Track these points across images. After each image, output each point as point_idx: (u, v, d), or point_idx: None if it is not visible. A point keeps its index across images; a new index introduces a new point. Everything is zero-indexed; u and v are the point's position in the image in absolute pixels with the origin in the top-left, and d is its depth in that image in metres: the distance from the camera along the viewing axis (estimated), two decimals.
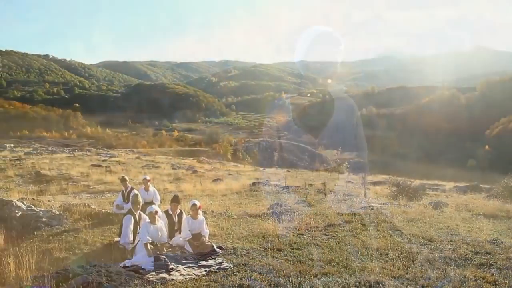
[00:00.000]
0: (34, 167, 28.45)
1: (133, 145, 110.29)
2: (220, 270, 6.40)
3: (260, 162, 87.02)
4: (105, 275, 5.72)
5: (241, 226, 9.36)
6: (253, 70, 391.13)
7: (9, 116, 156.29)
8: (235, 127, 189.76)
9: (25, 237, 7.85)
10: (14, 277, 6.27)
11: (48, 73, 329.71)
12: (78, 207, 9.94)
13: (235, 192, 18.68)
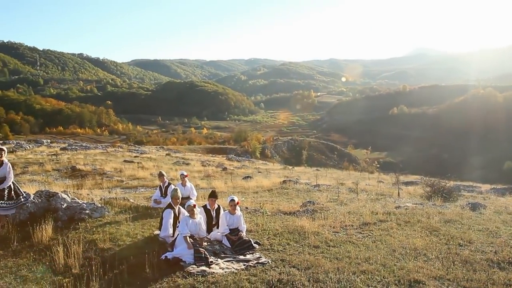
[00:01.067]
0: (70, 162, 29.25)
1: (163, 142, 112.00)
2: (259, 265, 6.50)
3: (288, 161, 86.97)
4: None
5: (276, 223, 9.43)
6: (282, 68, 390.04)
7: (45, 112, 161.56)
8: (263, 125, 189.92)
9: (71, 228, 8.18)
10: (63, 265, 6.56)
11: (82, 71, 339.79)
12: (118, 200, 10.26)
13: (266, 190, 18.69)
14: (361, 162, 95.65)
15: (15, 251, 7.22)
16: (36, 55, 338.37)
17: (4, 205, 8.20)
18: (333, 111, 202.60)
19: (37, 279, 6.20)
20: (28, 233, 7.79)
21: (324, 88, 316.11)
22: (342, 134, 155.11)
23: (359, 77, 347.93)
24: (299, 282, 5.74)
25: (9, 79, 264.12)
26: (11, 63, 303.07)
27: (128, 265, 6.39)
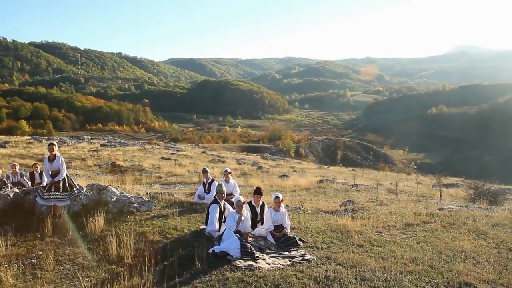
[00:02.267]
0: (110, 158, 30.14)
1: (198, 140, 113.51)
2: (304, 262, 6.57)
3: (322, 160, 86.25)
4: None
5: (318, 221, 9.46)
6: (317, 67, 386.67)
7: (85, 110, 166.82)
8: (298, 124, 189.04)
9: (121, 220, 8.53)
10: (116, 255, 6.87)
11: (121, 70, 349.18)
12: (162, 195, 10.58)
13: (304, 189, 18.68)
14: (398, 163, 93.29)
15: (71, 240, 7.62)
16: (77, 55, 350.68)
17: (59, 196, 8.65)
18: (369, 111, 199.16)
19: (93, 267, 6.53)
20: (81, 223, 8.20)
21: (360, 87, 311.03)
22: (378, 134, 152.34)
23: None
24: (346, 279, 5.77)
25: (53, 77, 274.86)
26: (55, 62, 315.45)
27: (177, 257, 6.61)
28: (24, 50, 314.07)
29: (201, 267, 6.25)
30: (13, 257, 6.77)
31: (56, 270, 6.37)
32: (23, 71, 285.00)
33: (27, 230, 7.94)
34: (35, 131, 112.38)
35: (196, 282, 5.76)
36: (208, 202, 10.22)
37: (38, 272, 6.29)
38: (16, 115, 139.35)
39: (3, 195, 8.88)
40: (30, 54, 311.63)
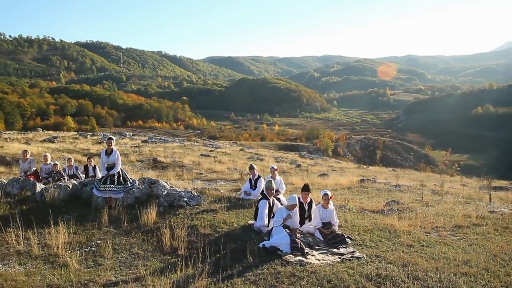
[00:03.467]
0: (151, 154, 30.91)
1: (235, 137, 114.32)
2: (354, 259, 6.60)
3: (361, 160, 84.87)
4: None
5: (364, 220, 9.42)
6: (356, 65, 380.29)
7: (127, 107, 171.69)
8: (336, 123, 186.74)
9: (171, 213, 8.83)
10: (169, 246, 7.15)
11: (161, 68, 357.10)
12: (210, 190, 10.84)
13: (345, 188, 18.53)
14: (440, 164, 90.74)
15: (126, 231, 7.97)
16: (120, 53, 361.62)
17: (114, 189, 9.08)
18: (410, 110, 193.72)
19: (147, 257, 6.83)
20: (135, 215, 8.56)
21: (400, 86, 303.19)
22: (419, 134, 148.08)
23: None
24: (398, 277, 5.76)
25: (97, 76, 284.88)
26: (98, 61, 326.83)
27: (228, 251, 6.80)
28: (70, 50, 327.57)
29: (253, 261, 6.40)
30: (75, 244, 7.18)
31: (114, 258, 6.71)
32: (69, 69, 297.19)
33: (85, 219, 8.38)
34: (80, 127, 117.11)
35: (249, 275, 5.91)
36: (254, 198, 10.40)
37: (99, 259, 6.65)
38: (63, 112, 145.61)
39: (63, 186, 9.40)
40: (76, 53, 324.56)
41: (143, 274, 5.93)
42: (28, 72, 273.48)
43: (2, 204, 8.69)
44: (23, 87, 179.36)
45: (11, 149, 26.37)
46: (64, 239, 7.09)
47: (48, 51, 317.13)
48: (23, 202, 9.00)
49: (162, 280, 5.63)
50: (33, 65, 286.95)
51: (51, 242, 7.06)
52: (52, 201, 9.01)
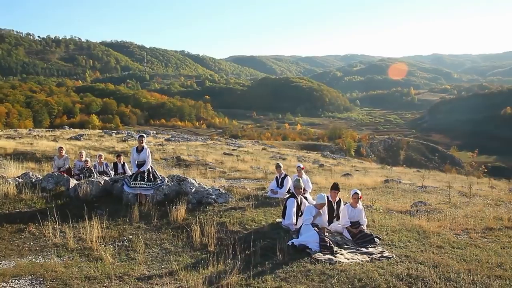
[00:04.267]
0: (175, 152, 31.25)
1: (257, 136, 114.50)
2: (383, 259, 6.57)
3: (384, 160, 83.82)
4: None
5: (391, 220, 9.35)
6: (379, 64, 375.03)
7: (150, 106, 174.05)
8: (358, 123, 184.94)
9: (200, 210, 8.97)
10: (199, 242, 7.28)
11: (183, 67, 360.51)
12: (237, 188, 10.94)
13: (369, 188, 18.39)
14: (466, 166, 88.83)
15: (156, 227, 8.15)
16: (143, 53, 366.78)
17: (145, 186, 9.28)
18: (435, 110, 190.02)
19: (178, 252, 6.97)
20: (165, 212, 8.73)
21: (425, 85, 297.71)
22: (444, 135, 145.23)
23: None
24: (430, 278, 5.71)
25: (121, 75, 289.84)
26: (123, 60, 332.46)
27: (258, 248, 6.87)
28: (96, 49, 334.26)
29: (282, 258, 6.46)
30: (108, 238, 7.39)
31: (146, 253, 6.88)
32: (94, 68, 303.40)
33: (117, 215, 8.60)
34: (104, 125, 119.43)
35: (279, 272, 5.97)
36: (281, 197, 10.45)
37: (131, 253, 6.83)
38: (88, 110, 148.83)
39: (95, 182, 9.67)
40: (101, 52, 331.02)
41: (176, 269, 6.06)
42: (56, 71, 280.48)
43: (38, 199, 9.00)
44: (50, 86, 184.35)
45: (40, 146, 27.15)
46: (97, 233, 7.30)
47: (75, 50, 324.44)
48: (57, 197, 9.30)
49: (194, 275, 5.75)
50: (60, 65, 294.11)
51: (86, 236, 7.29)
52: (85, 196, 9.28)
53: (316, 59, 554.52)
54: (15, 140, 31.81)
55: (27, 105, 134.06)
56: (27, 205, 8.67)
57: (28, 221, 7.82)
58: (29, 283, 5.21)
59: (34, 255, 6.50)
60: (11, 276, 5.34)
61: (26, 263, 5.98)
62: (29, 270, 5.58)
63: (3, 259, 6.19)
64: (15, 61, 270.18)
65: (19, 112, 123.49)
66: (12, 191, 8.97)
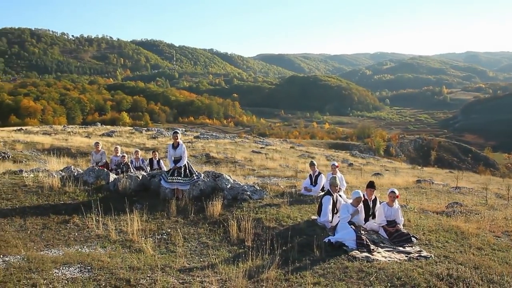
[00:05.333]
0: (204, 149, 31.65)
1: (285, 135, 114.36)
2: (421, 258, 6.52)
3: (414, 160, 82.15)
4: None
5: (427, 220, 9.23)
6: (410, 62, 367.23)
7: (179, 103, 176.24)
8: (388, 122, 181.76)
9: (235, 206, 9.11)
10: (236, 237, 7.40)
11: (212, 65, 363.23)
12: (271, 185, 11.04)
13: (402, 188, 18.13)
14: (501, 167, 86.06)
15: (193, 221, 8.34)
16: (173, 51, 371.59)
17: (181, 181, 9.50)
18: (468, 110, 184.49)
19: (216, 247, 7.11)
20: (201, 207, 8.91)
21: (458, 84, 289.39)
22: (478, 135, 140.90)
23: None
24: (471, 279, 5.64)
25: (151, 73, 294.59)
26: (152, 58, 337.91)
27: (295, 244, 6.94)
28: (126, 48, 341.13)
29: (319, 255, 6.51)
30: (147, 231, 7.61)
31: (185, 246, 7.05)
32: (125, 67, 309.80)
33: (155, 209, 8.83)
34: (134, 122, 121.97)
35: (317, 268, 6.02)
36: (314, 194, 10.48)
37: (171, 246, 7.02)
38: (119, 107, 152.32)
39: (134, 177, 9.96)
40: (131, 51, 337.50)
41: (215, 262, 6.20)
42: (88, 69, 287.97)
43: (81, 192, 9.36)
44: (83, 84, 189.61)
45: (74, 142, 28.09)
46: (138, 226, 7.53)
47: (106, 49, 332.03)
48: (98, 191, 9.64)
49: (234, 269, 5.86)
50: (93, 63, 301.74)
51: (126, 228, 7.54)
52: (124, 190, 9.57)
53: (345, 57, 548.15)
54: (51, 136, 33.01)
55: (61, 102, 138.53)
56: (71, 198, 9.03)
57: (72, 212, 8.15)
58: (78, 271, 5.45)
59: (80, 245, 6.78)
60: (62, 264, 5.60)
61: (74, 252, 6.25)
62: (77, 259, 5.83)
63: (52, 248, 6.49)
64: (51, 59, 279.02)
65: (53, 109, 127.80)
66: (56, 184, 9.35)
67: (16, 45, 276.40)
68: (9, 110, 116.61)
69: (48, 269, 5.35)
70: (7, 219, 7.40)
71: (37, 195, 8.84)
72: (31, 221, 7.51)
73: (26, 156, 19.87)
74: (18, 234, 6.85)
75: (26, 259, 5.63)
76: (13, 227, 7.14)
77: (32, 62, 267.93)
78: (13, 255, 5.79)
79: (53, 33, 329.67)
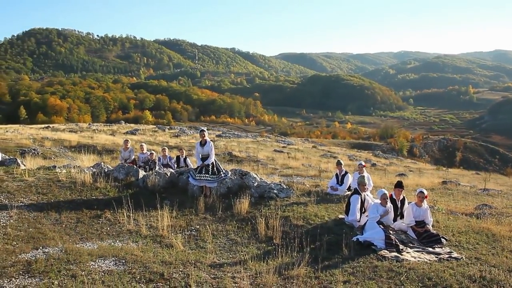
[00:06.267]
0: (226, 148, 31.82)
1: (306, 134, 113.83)
2: (452, 260, 6.45)
3: (439, 161, 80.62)
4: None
5: (456, 222, 9.11)
6: (435, 61, 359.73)
7: (201, 102, 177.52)
8: (412, 122, 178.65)
9: (262, 204, 9.18)
10: (264, 235, 7.48)
11: (234, 64, 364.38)
12: (297, 184, 11.07)
13: (427, 189, 17.79)
14: None
15: (221, 218, 8.45)
16: (195, 50, 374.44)
17: (209, 178, 9.63)
18: (496, 110, 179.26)
19: (244, 243, 7.19)
20: (228, 204, 9.02)
21: (485, 83, 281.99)
22: (506, 136, 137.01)
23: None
24: (505, 282, 5.55)
25: (173, 72, 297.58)
26: (175, 58, 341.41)
27: (323, 243, 6.97)
28: (149, 47, 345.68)
29: (348, 254, 6.52)
30: (176, 227, 7.76)
31: (214, 243, 7.15)
32: (148, 66, 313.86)
33: (183, 206, 8.98)
34: (157, 120, 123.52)
35: (346, 267, 6.04)
36: (341, 194, 10.47)
37: (200, 242, 7.14)
38: (142, 106, 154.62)
39: (162, 174, 10.15)
40: (154, 50, 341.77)
41: (244, 258, 6.28)
42: (112, 68, 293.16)
43: (111, 188, 9.60)
44: (107, 82, 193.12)
45: (99, 139, 28.68)
46: (167, 222, 7.68)
47: (130, 49, 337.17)
48: (128, 187, 9.86)
49: (263, 265, 5.94)
50: (117, 62, 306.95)
51: (156, 224, 7.70)
52: (153, 187, 9.76)
53: (368, 56, 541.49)
54: (77, 133, 33.81)
55: (86, 100, 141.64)
56: (102, 193, 9.27)
57: (104, 207, 8.37)
58: (113, 264, 5.62)
59: (112, 239, 6.97)
60: (97, 256, 5.78)
61: (107, 246, 6.44)
62: (112, 252, 6.00)
63: (86, 241, 6.70)
64: (76, 59, 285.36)
65: (79, 107, 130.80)
66: (88, 179, 9.61)
67: (44, 45, 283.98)
68: (37, 108, 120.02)
69: (85, 261, 5.54)
70: (44, 213, 7.66)
71: (70, 190, 9.11)
72: (65, 215, 7.75)
73: (55, 152, 20.41)
74: (54, 227, 7.09)
75: (64, 251, 5.84)
76: (49, 221, 7.39)
77: (58, 62, 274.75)
78: (51, 247, 6.01)
79: (79, 33, 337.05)
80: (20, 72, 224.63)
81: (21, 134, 28.09)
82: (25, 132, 30.60)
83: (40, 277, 4.95)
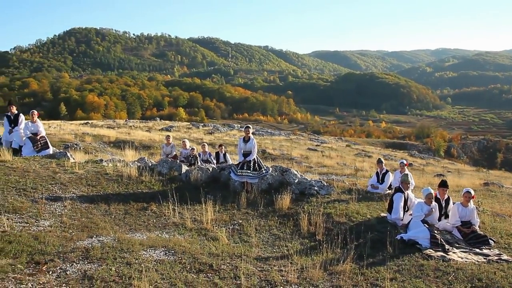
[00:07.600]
0: (260, 146, 31.91)
1: (340, 133, 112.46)
2: (502, 262, 6.31)
3: (478, 162, 77.98)
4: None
5: (503, 223, 8.88)
6: (476, 59, 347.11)
7: (234, 100, 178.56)
8: (449, 121, 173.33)
9: (303, 200, 9.24)
10: (307, 231, 7.55)
11: (267, 62, 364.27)
12: (337, 182, 11.06)
13: None
14: None
15: (263, 214, 8.56)
16: (228, 48, 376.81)
17: (250, 174, 9.78)
18: None
19: (287, 239, 7.29)
20: (270, 200, 9.13)
21: None
22: None
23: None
24: None
25: (207, 69, 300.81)
26: (209, 56, 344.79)
27: (367, 240, 6.97)
28: (184, 45, 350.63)
29: (393, 251, 6.50)
30: (220, 222, 7.93)
31: (257, 237, 7.28)
32: (182, 63, 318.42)
33: (225, 201, 9.16)
34: (190, 118, 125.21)
35: (391, 264, 6.03)
36: (381, 192, 10.40)
37: (244, 236, 7.28)
38: (176, 103, 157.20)
39: (205, 169, 10.37)
40: (188, 48, 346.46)
41: (289, 253, 6.38)
42: (147, 66, 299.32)
43: (156, 181, 9.89)
44: (142, 80, 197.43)
45: (136, 136, 29.46)
46: (211, 216, 7.87)
47: (165, 47, 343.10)
48: (172, 181, 10.13)
49: (308, 260, 6.01)
50: (152, 60, 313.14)
51: (200, 217, 7.90)
52: (196, 181, 9.99)
53: (404, 53, 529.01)
54: (115, 129, 34.83)
55: (122, 97, 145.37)
56: (147, 187, 9.58)
57: (150, 200, 8.65)
58: (163, 254, 5.83)
59: (159, 231, 7.21)
60: (148, 246, 6.01)
61: (155, 237, 6.67)
62: (161, 243, 6.22)
63: (135, 232, 6.96)
64: (113, 57, 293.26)
65: (115, 104, 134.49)
66: (134, 173, 9.95)
67: (83, 44, 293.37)
68: (76, 105, 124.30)
69: (137, 250, 5.77)
70: (94, 204, 8.00)
71: (117, 183, 9.45)
72: (114, 206, 8.06)
73: (95, 147, 21.13)
74: (105, 218, 7.40)
75: (117, 240, 6.10)
76: (99, 211, 7.71)
77: (96, 60, 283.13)
78: (104, 236, 6.30)
79: (116, 32, 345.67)
80: (61, 70, 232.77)
81: (63, 129, 29.21)
82: (67, 128, 31.77)
83: (98, 263, 5.21)
